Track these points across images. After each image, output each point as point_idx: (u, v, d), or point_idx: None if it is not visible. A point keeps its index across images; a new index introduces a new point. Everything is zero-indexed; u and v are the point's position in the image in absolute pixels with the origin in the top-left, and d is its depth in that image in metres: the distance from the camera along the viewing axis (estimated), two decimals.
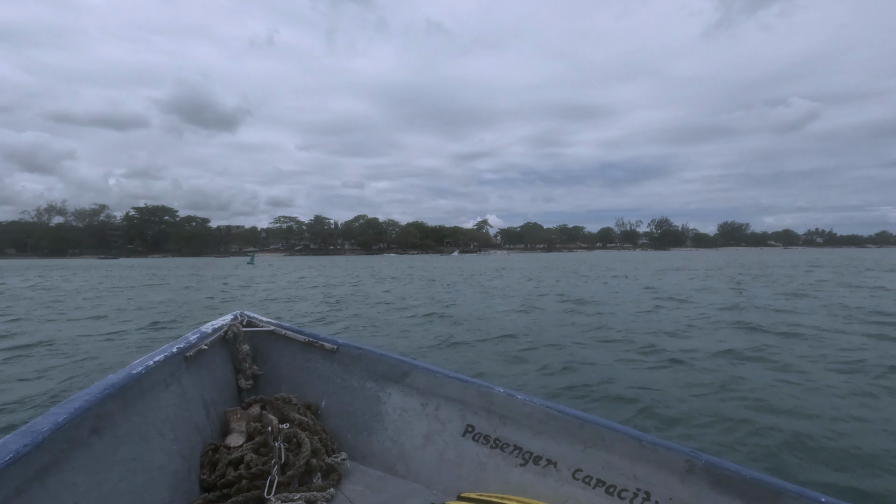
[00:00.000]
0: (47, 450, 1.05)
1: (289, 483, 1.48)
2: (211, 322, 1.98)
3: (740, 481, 1.26)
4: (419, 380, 1.79)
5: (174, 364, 1.61)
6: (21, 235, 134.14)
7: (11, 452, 0.97)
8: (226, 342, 1.96)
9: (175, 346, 1.66)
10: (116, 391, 1.30)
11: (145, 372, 1.44)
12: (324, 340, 1.98)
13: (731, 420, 3.35)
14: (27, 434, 1.04)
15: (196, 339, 1.78)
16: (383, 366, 1.87)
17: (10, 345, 6.35)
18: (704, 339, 6.30)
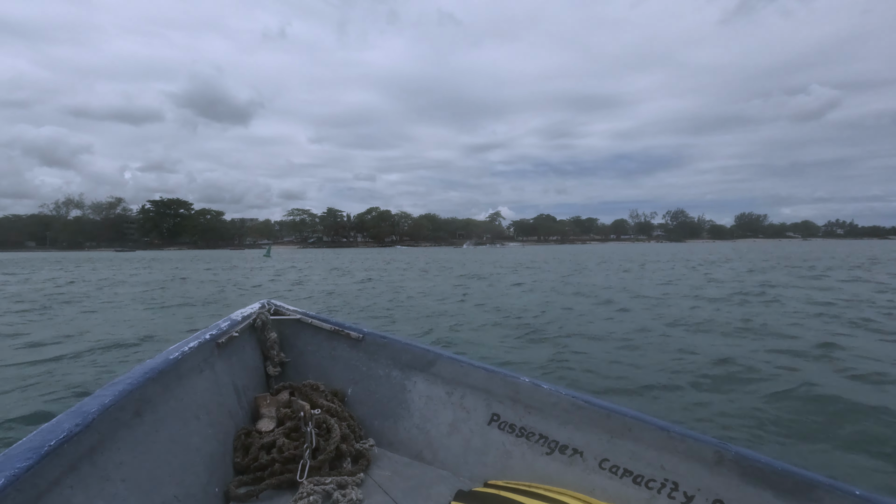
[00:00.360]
0: (96, 430, 1.09)
1: (320, 467, 1.51)
2: (240, 310, 2.04)
3: (771, 473, 1.25)
4: (444, 368, 1.81)
5: (207, 350, 1.66)
6: (40, 228, 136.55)
7: (65, 431, 1.02)
8: (254, 330, 2.03)
9: (208, 333, 1.71)
10: (156, 375, 1.35)
11: (181, 357, 1.49)
12: (349, 329, 2.03)
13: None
14: (78, 414, 1.08)
15: (227, 326, 1.84)
16: (408, 354, 1.90)
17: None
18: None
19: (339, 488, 1.44)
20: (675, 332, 6.31)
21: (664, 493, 1.37)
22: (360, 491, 1.46)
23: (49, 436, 1.00)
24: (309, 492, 1.39)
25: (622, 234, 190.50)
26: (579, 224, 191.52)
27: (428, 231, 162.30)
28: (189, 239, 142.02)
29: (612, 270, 19.74)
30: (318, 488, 1.41)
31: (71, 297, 11.95)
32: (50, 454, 0.96)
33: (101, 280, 18.10)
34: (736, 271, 18.09)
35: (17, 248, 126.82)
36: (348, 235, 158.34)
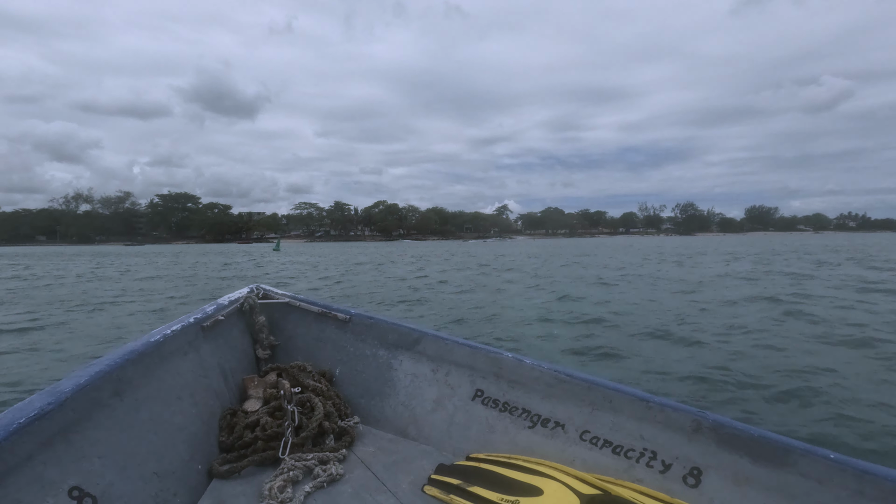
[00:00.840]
0: (70, 408, 1.10)
1: (302, 444, 1.53)
2: (227, 294, 2.06)
3: (748, 439, 1.27)
4: (430, 347, 1.84)
5: (192, 333, 1.67)
6: (50, 223, 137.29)
7: (36, 409, 1.02)
8: (242, 313, 2.05)
9: (192, 317, 1.73)
10: (136, 357, 1.36)
11: (163, 340, 1.50)
12: (337, 311, 2.05)
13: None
14: (51, 394, 1.09)
15: (212, 310, 1.86)
16: (395, 334, 1.92)
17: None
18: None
19: (320, 464, 1.46)
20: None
21: (642, 462, 1.39)
22: (342, 466, 1.48)
23: (19, 414, 1.00)
24: (290, 467, 1.41)
25: (631, 228, 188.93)
26: (588, 217, 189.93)
27: (435, 225, 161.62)
28: (197, 233, 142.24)
29: (692, 264, 18.26)
30: (300, 464, 1.43)
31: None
32: (19, 431, 0.97)
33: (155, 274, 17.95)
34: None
35: (28, 243, 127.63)
36: (356, 229, 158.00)
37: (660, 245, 50.08)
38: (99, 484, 1.09)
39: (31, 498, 0.96)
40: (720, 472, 1.29)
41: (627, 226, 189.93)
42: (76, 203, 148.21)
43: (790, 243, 47.40)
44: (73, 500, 1.02)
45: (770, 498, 1.21)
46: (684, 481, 1.32)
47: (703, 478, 1.30)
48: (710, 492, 1.28)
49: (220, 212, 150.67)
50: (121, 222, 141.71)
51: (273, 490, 1.31)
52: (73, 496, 1.03)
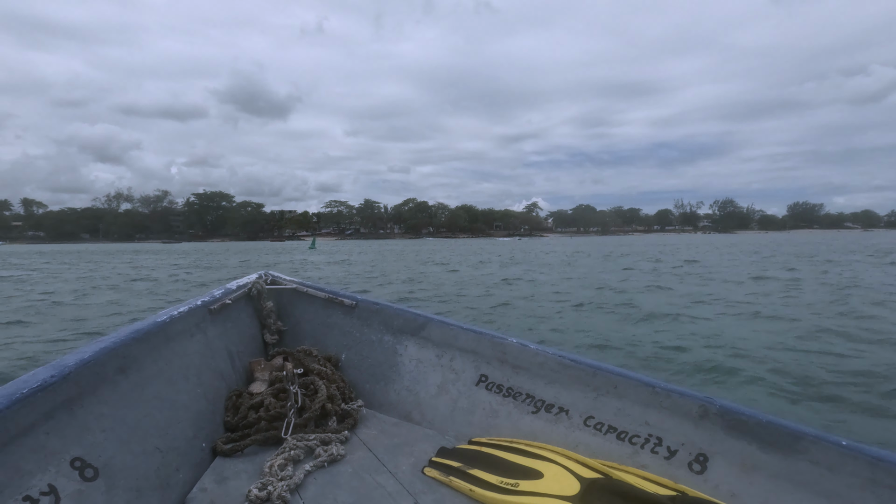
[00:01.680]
0: (74, 382, 1.11)
1: (305, 425, 1.55)
2: (236, 280, 2.10)
3: (755, 425, 1.24)
4: (434, 332, 1.85)
5: (199, 315, 1.70)
6: (93, 221, 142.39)
7: (39, 381, 1.03)
8: (251, 298, 2.08)
9: (200, 300, 1.75)
10: (141, 336, 1.38)
11: (170, 321, 1.52)
12: (343, 297, 2.07)
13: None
14: (55, 367, 1.10)
15: (220, 294, 1.88)
16: (400, 320, 1.94)
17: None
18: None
19: (321, 444, 1.48)
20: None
21: (647, 448, 1.38)
22: (344, 447, 1.49)
23: (23, 384, 1.02)
24: (292, 447, 1.43)
25: (666, 226, 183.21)
26: (621, 214, 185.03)
27: (464, 222, 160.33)
28: (231, 231, 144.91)
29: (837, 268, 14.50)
30: (302, 444, 1.45)
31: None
32: (22, 401, 0.98)
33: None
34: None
35: (73, 240, 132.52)
36: (385, 227, 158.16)
37: (733, 244, 45.68)
38: (101, 456, 1.10)
39: (33, 466, 0.97)
40: (727, 458, 1.27)
41: (663, 223, 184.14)
42: (117, 202, 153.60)
43: (866, 242, 43.02)
44: (74, 471, 1.03)
45: (779, 485, 1.19)
46: (690, 467, 1.31)
47: (710, 464, 1.29)
48: (717, 478, 1.27)
49: (253, 210, 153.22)
50: (159, 220, 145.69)
51: (273, 468, 1.32)
52: (74, 466, 1.04)
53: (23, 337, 5.89)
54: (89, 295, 10.57)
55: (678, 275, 13.28)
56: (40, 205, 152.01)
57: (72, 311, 8.22)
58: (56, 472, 1.00)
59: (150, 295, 10.48)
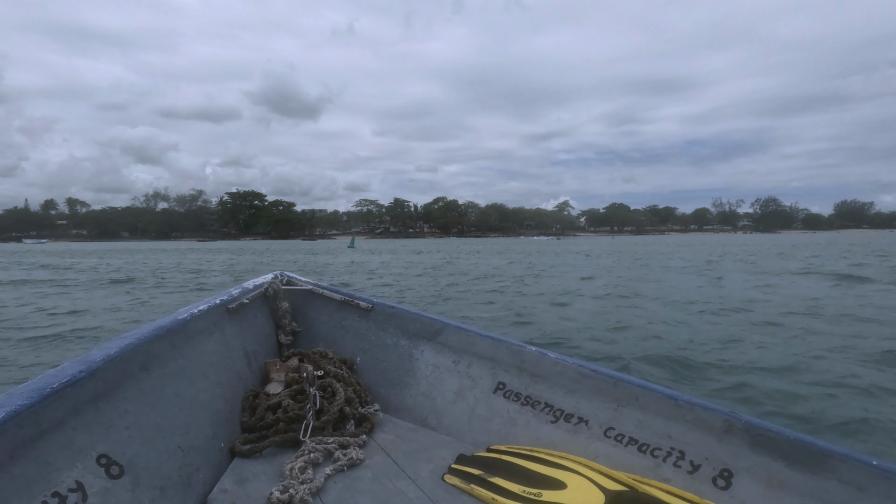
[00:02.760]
0: (100, 378, 1.12)
1: (323, 428, 1.55)
2: (252, 279, 2.08)
3: (783, 442, 1.22)
4: (451, 338, 1.83)
5: (217, 314, 1.69)
6: (132, 220, 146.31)
7: (68, 376, 1.04)
8: (266, 299, 2.07)
9: (218, 298, 1.75)
10: (164, 333, 1.38)
11: (190, 318, 1.52)
12: (359, 299, 2.05)
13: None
14: (82, 363, 1.10)
15: (238, 293, 1.88)
16: (416, 324, 1.92)
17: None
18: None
19: (340, 448, 1.47)
20: None
21: (670, 462, 1.35)
22: (362, 452, 1.49)
23: (52, 379, 1.02)
24: (311, 449, 1.43)
25: (704, 225, 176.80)
26: (656, 213, 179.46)
27: (494, 221, 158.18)
28: (263, 229, 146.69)
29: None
30: (320, 447, 1.45)
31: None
32: (52, 395, 0.98)
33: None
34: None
35: (114, 238, 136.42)
36: (415, 226, 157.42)
37: (831, 241, 42.56)
38: (126, 453, 1.11)
39: (61, 462, 0.97)
40: (752, 474, 1.25)
41: (700, 223, 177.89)
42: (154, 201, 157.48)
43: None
44: (100, 467, 1.04)
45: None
46: (714, 483, 1.28)
47: (735, 480, 1.26)
48: (742, 494, 1.24)
49: (284, 209, 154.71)
50: (194, 219, 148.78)
51: (294, 470, 1.33)
52: (100, 463, 1.04)
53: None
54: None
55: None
56: (84, 204, 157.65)
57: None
58: (83, 468, 1.01)
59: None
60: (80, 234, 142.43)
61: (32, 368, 4.40)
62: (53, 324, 6.81)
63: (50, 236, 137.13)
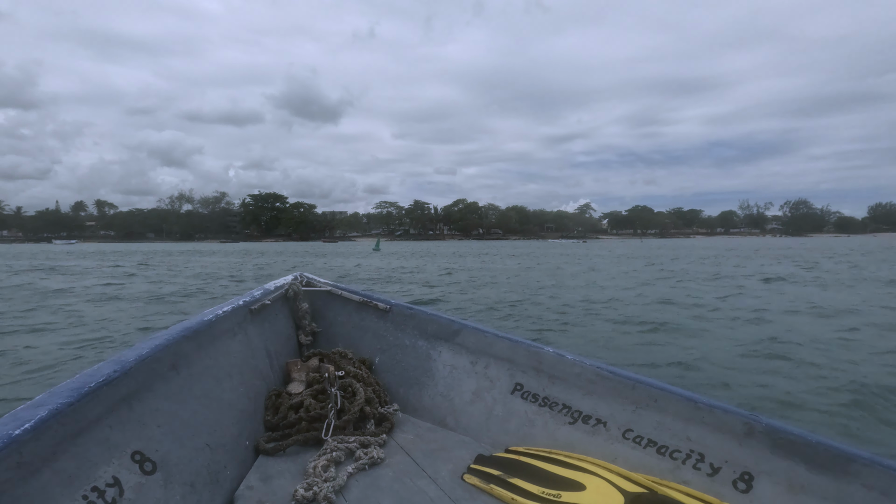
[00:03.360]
0: (133, 377, 1.14)
1: (344, 427, 1.57)
2: (273, 281, 2.13)
3: (804, 446, 1.20)
4: (469, 339, 1.84)
5: (241, 315, 1.72)
6: (158, 221, 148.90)
7: (104, 375, 1.06)
8: (287, 300, 2.11)
9: (241, 300, 1.78)
10: (191, 334, 1.41)
11: (215, 319, 1.55)
12: (377, 300, 2.08)
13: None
14: (116, 362, 1.13)
15: (260, 294, 1.91)
16: (434, 325, 1.93)
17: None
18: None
19: (361, 447, 1.49)
20: None
21: (689, 464, 1.34)
22: (383, 451, 1.50)
23: (89, 378, 1.04)
24: (332, 448, 1.46)
25: (731, 228, 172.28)
26: (681, 216, 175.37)
27: (515, 224, 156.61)
28: (284, 231, 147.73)
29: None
30: (342, 446, 1.48)
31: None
32: (90, 394, 1.01)
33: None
34: None
35: (140, 240, 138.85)
36: (435, 228, 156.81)
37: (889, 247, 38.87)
38: (158, 451, 1.13)
39: (99, 458, 1.00)
40: (773, 478, 1.23)
41: (727, 226, 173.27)
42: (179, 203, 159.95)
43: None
44: (135, 464, 1.07)
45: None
46: (734, 486, 1.27)
47: (755, 483, 1.25)
48: (763, 498, 1.23)
49: (305, 211, 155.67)
50: (217, 221, 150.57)
51: (317, 469, 1.35)
52: (135, 459, 1.07)
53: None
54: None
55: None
56: (112, 206, 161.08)
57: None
58: (119, 464, 1.04)
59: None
60: (108, 235, 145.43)
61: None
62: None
63: (79, 237, 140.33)
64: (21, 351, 5.09)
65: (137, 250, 51.98)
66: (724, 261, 22.40)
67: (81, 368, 1.11)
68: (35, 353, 4.99)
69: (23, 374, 4.20)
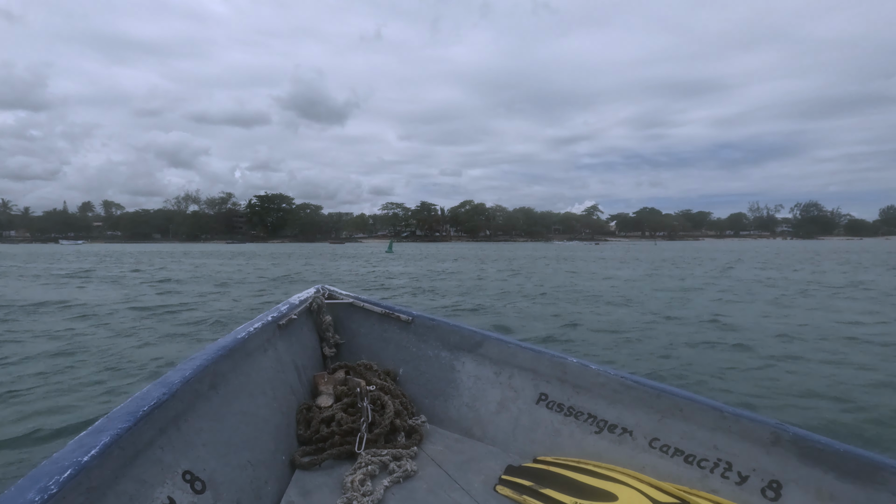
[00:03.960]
0: (179, 399, 1.17)
1: (376, 440, 1.58)
2: (297, 294, 2.14)
3: (832, 454, 1.20)
4: (492, 349, 1.85)
5: (270, 331, 1.75)
6: (164, 222, 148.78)
7: (154, 399, 1.09)
8: (311, 313, 2.12)
9: (269, 316, 1.80)
10: (227, 353, 1.43)
11: (247, 337, 1.57)
12: (399, 312, 2.09)
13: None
14: (164, 385, 1.16)
15: (286, 309, 1.92)
16: (456, 336, 1.94)
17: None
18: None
19: (394, 460, 1.51)
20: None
21: (717, 473, 1.34)
22: (415, 463, 1.52)
23: (142, 402, 1.07)
24: (367, 462, 1.47)
25: (740, 230, 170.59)
26: (689, 218, 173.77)
27: (522, 225, 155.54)
28: (290, 232, 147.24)
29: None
30: (376, 459, 1.49)
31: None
32: (144, 418, 1.04)
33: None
34: None
35: (146, 240, 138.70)
36: (441, 229, 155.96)
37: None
38: (206, 469, 1.16)
39: (154, 479, 1.03)
40: (802, 486, 1.23)
41: (736, 228, 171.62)
42: (185, 203, 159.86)
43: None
44: (186, 483, 1.09)
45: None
46: (763, 494, 1.27)
47: (784, 491, 1.25)
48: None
49: (311, 212, 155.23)
50: (223, 221, 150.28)
51: (354, 483, 1.36)
52: (186, 479, 1.10)
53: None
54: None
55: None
56: (118, 206, 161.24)
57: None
58: (172, 484, 1.06)
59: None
60: (115, 235, 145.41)
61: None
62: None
63: (86, 237, 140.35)
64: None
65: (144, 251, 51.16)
66: (786, 266, 20.29)
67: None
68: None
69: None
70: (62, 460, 0.86)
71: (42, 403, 3.55)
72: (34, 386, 3.96)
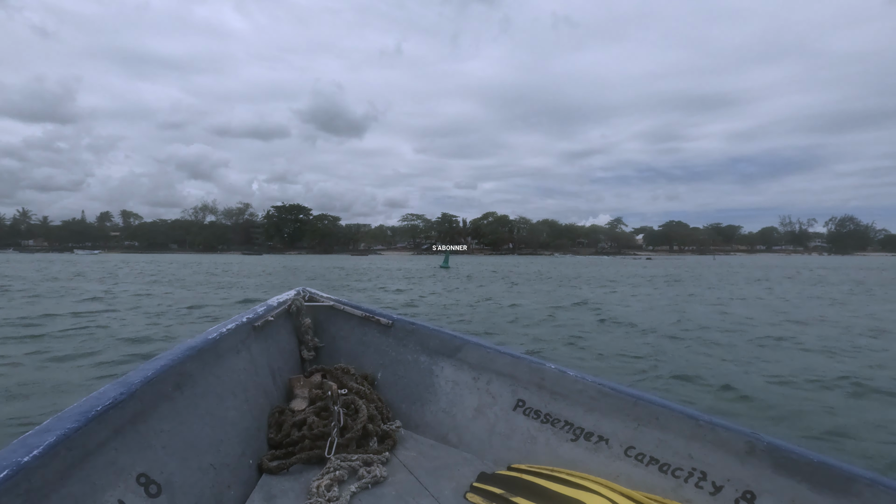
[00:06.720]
0: (139, 399, 1.14)
1: (347, 445, 1.56)
2: (276, 296, 2.12)
3: (806, 465, 1.19)
4: (471, 354, 1.83)
5: (244, 332, 1.72)
6: (181, 232, 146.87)
7: (110, 399, 1.06)
8: (289, 315, 2.10)
9: (245, 317, 1.77)
10: (195, 353, 1.40)
11: (219, 338, 1.54)
12: (380, 315, 2.07)
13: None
14: (123, 384, 1.13)
15: (263, 311, 1.90)
16: (436, 340, 1.92)
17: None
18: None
19: (364, 465, 1.49)
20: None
21: (691, 483, 1.33)
22: (385, 469, 1.50)
23: (96, 402, 1.04)
24: (336, 467, 1.45)
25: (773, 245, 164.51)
26: (719, 232, 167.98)
27: (546, 238, 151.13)
28: (308, 243, 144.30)
29: None
30: (345, 464, 1.47)
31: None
32: (97, 418, 1.01)
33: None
34: None
35: (163, 250, 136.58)
36: (463, 241, 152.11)
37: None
38: (163, 472, 1.13)
39: (105, 482, 1.00)
40: (776, 497, 1.22)
41: (767, 243, 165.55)
42: (203, 214, 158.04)
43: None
44: (140, 486, 1.06)
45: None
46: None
47: (758, 502, 1.24)
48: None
49: (329, 223, 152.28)
50: (240, 232, 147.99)
51: (321, 488, 1.34)
52: (140, 482, 1.06)
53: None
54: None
55: None
56: (137, 216, 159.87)
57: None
58: (124, 487, 1.02)
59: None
60: (132, 245, 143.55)
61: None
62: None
63: (103, 247, 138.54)
64: None
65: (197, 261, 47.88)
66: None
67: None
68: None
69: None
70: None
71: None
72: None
